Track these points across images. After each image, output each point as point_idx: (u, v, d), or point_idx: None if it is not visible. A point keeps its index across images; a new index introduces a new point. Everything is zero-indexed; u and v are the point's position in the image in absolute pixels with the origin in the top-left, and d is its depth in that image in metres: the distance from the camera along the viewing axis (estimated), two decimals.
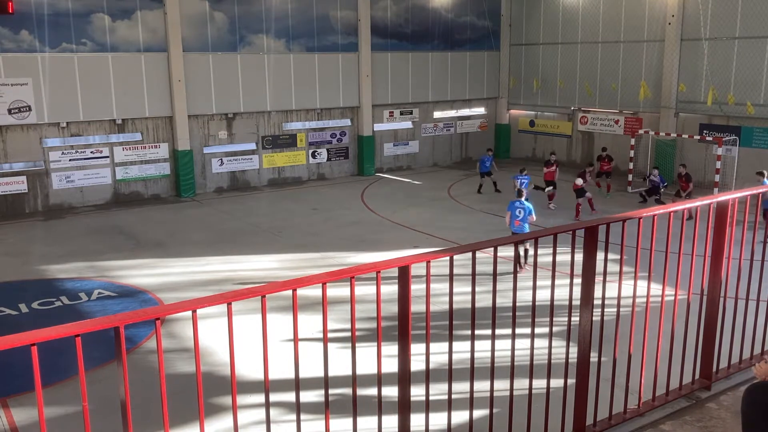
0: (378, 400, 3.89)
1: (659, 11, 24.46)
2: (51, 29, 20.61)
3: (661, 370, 4.89)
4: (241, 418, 4.60)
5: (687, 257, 4.88)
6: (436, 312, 4.36)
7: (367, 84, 26.80)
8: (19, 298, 13.28)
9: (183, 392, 5.87)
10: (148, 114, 22.60)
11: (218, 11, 23.43)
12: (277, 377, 5.16)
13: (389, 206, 21.52)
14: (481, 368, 4.29)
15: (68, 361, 8.77)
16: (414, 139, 28.97)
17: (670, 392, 4.98)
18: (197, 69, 23.13)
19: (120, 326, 2.87)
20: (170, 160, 23.28)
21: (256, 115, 24.79)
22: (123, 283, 14.31)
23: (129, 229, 19.09)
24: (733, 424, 4.61)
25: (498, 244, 4.15)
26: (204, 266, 15.38)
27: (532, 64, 29.69)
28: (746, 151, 22.29)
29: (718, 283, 5.07)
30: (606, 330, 4.72)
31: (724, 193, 5.20)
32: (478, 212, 20.46)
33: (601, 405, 4.67)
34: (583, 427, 4.59)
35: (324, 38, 25.71)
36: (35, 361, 2.78)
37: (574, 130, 28.47)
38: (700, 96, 23.60)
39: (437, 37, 28.65)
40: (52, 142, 21.24)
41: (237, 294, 3.26)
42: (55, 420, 8.36)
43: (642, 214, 4.64)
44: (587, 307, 4.42)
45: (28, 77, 20.39)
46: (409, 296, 3.77)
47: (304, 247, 16.77)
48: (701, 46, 23.12)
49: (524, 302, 4.12)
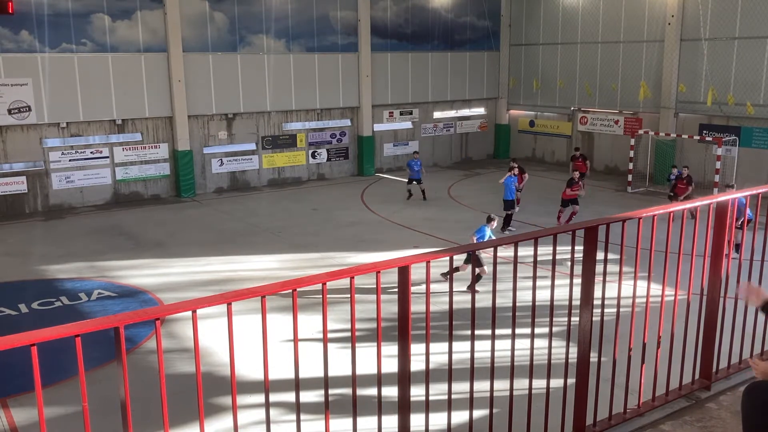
0: (378, 400, 3.89)
1: (659, 11, 24.46)
2: (51, 29, 20.61)
3: (660, 370, 4.89)
4: (241, 418, 4.60)
5: (687, 257, 4.88)
6: (435, 312, 4.36)
7: (367, 84, 26.81)
8: (19, 298, 13.28)
9: (183, 392, 5.87)
10: (148, 114, 22.61)
11: (218, 11, 23.44)
12: (277, 377, 5.16)
13: (389, 206, 21.53)
14: (481, 368, 4.29)
15: (68, 361, 8.78)
16: (414, 140, 28.98)
17: (670, 392, 4.98)
18: (197, 69, 23.13)
19: (120, 326, 2.87)
20: (170, 160, 23.29)
21: (256, 115, 24.80)
22: (123, 283, 14.31)
23: (129, 229, 19.09)
24: (733, 424, 4.61)
25: (498, 244, 4.15)
26: (204, 266, 15.39)
27: (532, 64, 29.70)
28: (746, 152, 22.31)
29: (718, 283, 5.07)
30: (606, 330, 4.72)
31: (724, 193, 5.20)
32: (478, 212, 20.45)
33: (601, 405, 4.67)
34: (583, 427, 4.59)
35: (324, 38, 25.72)
36: (35, 361, 2.78)
37: (573, 131, 28.47)
38: (699, 96, 23.60)
39: (437, 37, 28.66)
40: (52, 143, 21.24)
41: (237, 294, 3.26)
42: (55, 420, 8.36)
43: (642, 214, 4.64)
44: (587, 307, 4.42)
45: (28, 77, 20.40)
46: (409, 296, 3.77)
47: (304, 247, 16.77)
48: (701, 46, 23.12)
49: (524, 302, 4.12)
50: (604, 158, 27.59)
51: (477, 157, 31.06)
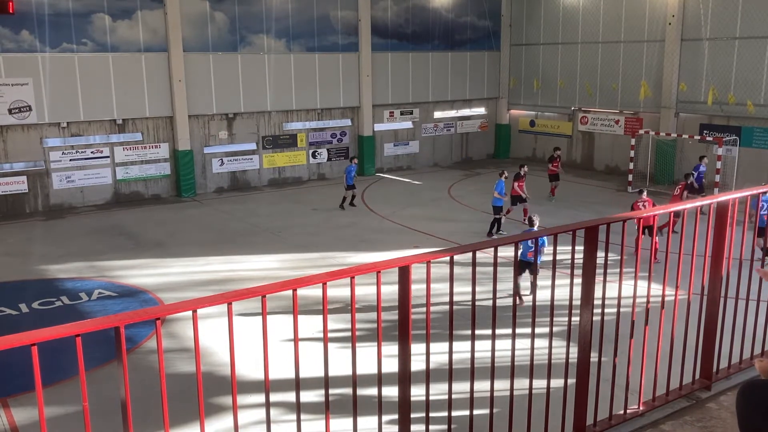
0: (378, 400, 3.89)
1: (659, 11, 24.45)
2: (51, 29, 20.61)
3: (661, 370, 4.89)
4: (241, 418, 4.60)
5: (687, 257, 4.88)
6: (436, 312, 4.36)
7: (368, 84, 26.80)
8: (19, 298, 13.29)
9: (183, 392, 5.87)
10: (148, 114, 22.61)
11: (218, 11, 23.43)
12: (278, 377, 5.16)
13: (389, 206, 21.52)
14: (481, 368, 4.29)
15: (68, 361, 8.78)
16: (414, 139, 28.97)
17: (670, 392, 4.98)
18: (198, 69, 23.13)
19: (120, 326, 2.87)
20: (171, 160, 23.29)
21: (256, 115, 24.79)
22: (123, 283, 14.32)
23: (129, 229, 19.09)
24: (733, 424, 4.60)
25: (498, 245, 4.15)
26: (204, 266, 15.39)
27: (533, 64, 29.69)
28: (746, 151, 22.29)
29: (718, 283, 5.07)
30: (606, 330, 4.72)
31: (724, 193, 5.20)
32: (479, 212, 20.44)
33: (601, 405, 4.67)
34: (584, 427, 4.59)
35: (324, 38, 25.71)
36: (35, 361, 2.78)
37: (574, 130, 28.46)
38: (700, 96, 23.59)
39: (437, 37, 28.65)
40: (52, 142, 21.25)
41: (237, 294, 3.26)
42: (55, 420, 8.37)
43: (642, 215, 4.64)
44: (587, 307, 4.42)
45: (29, 77, 20.40)
46: (410, 296, 3.77)
47: (304, 247, 16.77)
48: (702, 46, 23.11)
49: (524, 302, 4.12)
50: (604, 158, 27.57)
51: (477, 157, 31.05)
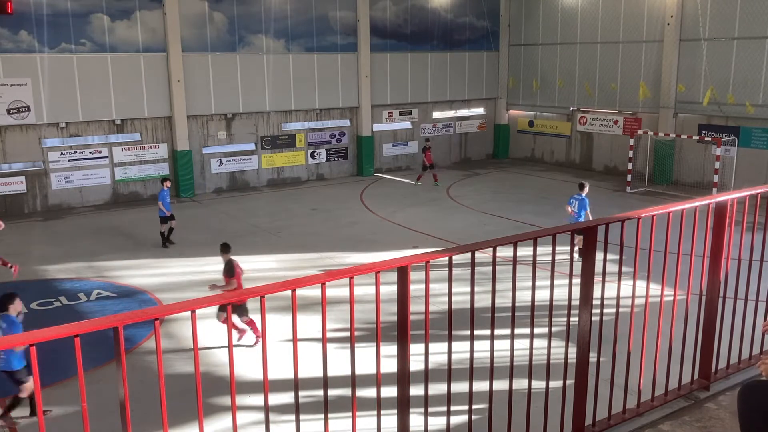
0: (377, 400, 3.89)
1: (658, 12, 24.48)
2: (50, 29, 20.61)
3: (660, 371, 4.89)
4: (241, 418, 4.60)
5: (686, 257, 4.88)
6: (435, 312, 4.36)
7: (366, 84, 26.81)
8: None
9: (182, 392, 5.86)
10: (147, 114, 22.61)
11: (217, 11, 23.43)
12: (277, 377, 5.16)
13: (388, 206, 21.53)
14: (480, 368, 4.29)
15: (67, 362, 8.78)
16: (413, 140, 28.98)
17: (669, 392, 4.98)
18: (196, 69, 23.13)
19: (119, 326, 2.87)
20: (169, 160, 23.28)
21: (255, 115, 24.80)
22: (122, 283, 14.31)
23: (128, 229, 19.08)
24: (731, 424, 4.61)
25: (498, 244, 4.15)
26: (203, 266, 15.37)
27: (531, 64, 29.71)
28: (745, 152, 22.32)
29: (717, 283, 5.07)
30: (605, 330, 4.72)
31: (723, 193, 5.20)
32: (477, 212, 20.46)
33: (600, 405, 4.67)
34: (582, 427, 4.59)
35: (323, 38, 25.72)
36: (34, 362, 2.78)
37: (573, 131, 28.49)
38: (699, 96, 23.62)
39: (436, 37, 28.67)
40: (51, 143, 21.24)
41: (236, 294, 3.26)
42: (54, 420, 8.37)
43: (641, 215, 4.64)
44: (586, 307, 4.42)
45: (27, 77, 20.40)
46: (408, 296, 3.77)
47: (303, 247, 16.77)
48: (700, 46, 23.14)
49: (523, 302, 4.12)
50: (603, 158, 27.60)
51: (476, 158, 31.07)
